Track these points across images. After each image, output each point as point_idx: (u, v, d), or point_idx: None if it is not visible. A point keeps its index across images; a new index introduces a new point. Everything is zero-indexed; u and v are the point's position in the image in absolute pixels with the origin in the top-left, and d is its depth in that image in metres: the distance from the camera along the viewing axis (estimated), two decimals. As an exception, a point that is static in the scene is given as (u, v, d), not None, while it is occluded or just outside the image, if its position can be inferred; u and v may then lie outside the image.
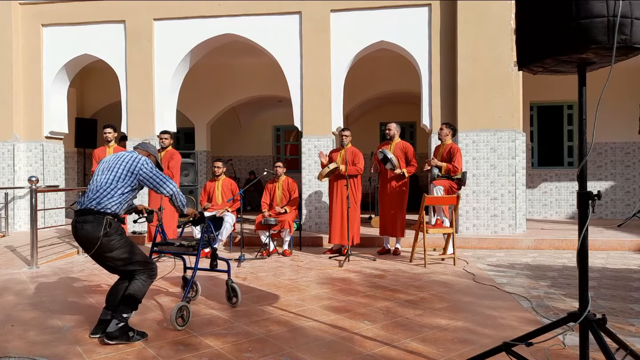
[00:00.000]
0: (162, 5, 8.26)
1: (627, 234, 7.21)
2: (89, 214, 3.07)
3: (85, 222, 3.06)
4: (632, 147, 9.93)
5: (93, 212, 3.07)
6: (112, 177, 3.15)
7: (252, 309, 3.88)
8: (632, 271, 5.24)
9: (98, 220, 3.05)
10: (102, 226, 3.04)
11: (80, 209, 3.12)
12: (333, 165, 6.25)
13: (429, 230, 5.73)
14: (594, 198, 2.14)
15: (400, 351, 2.91)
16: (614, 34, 1.93)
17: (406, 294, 4.31)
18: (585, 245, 2.19)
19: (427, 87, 7.75)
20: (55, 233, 7.99)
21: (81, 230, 3.07)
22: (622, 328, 3.28)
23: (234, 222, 6.69)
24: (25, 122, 8.63)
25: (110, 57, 8.48)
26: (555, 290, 4.42)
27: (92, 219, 3.06)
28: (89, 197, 3.13)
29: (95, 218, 3.06)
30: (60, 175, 9.08)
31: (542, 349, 2.80)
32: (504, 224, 7.38)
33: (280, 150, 14.68)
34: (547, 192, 10.14)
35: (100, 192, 3.12)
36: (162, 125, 8.28)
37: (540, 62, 2.18)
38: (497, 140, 7.39)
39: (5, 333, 3.36)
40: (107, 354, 2.93)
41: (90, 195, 3.14)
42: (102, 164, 3.28)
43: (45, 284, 4.89)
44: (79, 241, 3.15)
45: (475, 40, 7.38)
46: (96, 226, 3.05)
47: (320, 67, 7.91)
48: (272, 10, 8.01)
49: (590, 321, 2.15)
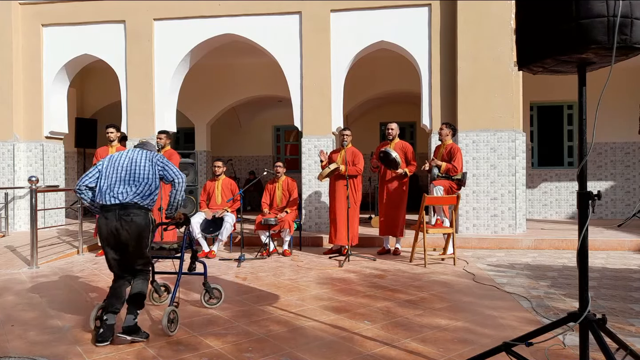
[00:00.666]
0: (162, 5, 8.26)
1: (627, 234, 7.21)
2: (135, 208, 3.16)
3: (135, 214, 3.15)
4: (632, 147, 9.93)
5: (139, 206, 3.18)
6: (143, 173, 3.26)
7: (252, 309, 3.88)
8: (632, 271, 5.24)
9: (145, 215, 3.20)
10: (149, 221, 3.21)
11: (120, 203, 3.15)
12: (333, 165, 6.25)
13: (429, 230, 5.73)
14: (594, 198, 2.14)
15: (400, 351, 2.91)
16: (614, 34, 1.93)
17: (406, 294, 4.31)
18: (585, 245, 2.19)
19: (427, 87, 7.75)
20: (55, 233, 8.00)
21: (130, 224, 3.12)
22: (622, 328, 3.28)
23: (234, 222, 6.69)
24: (25, 122, 8.63)
25: (110, 57, 8.48)
26: (555, 290, 4.41)
27: (140, 212, 3.18)
28: (125, 192, 3.17)
29: (143, 212, 3.19)
30: (60, 175, 9.08)
31: (542, 349, 2.80)
32: (504, 224, 7.38)
33: (280, 150, 14.68)
34: (547, 192, 10.14)
35: (140, 188, 3.20)
36: (162, 125, 8.28)
37: (540, 62, 2.18)
38: (497, 140, 7.39)
39: (5, 333, 3.36)
40: (107, 354, 2.93)
41: (129, 190, 3.18)
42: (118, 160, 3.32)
43: (45, 284, 4.89)
44: (119, 234, 3.14)
45: (475, 40, 7.38)
46: (144, 220, 3.18)
47: (320, 67, 7.91)
48: (272, 10, 8.01)
49: (590, 321, 2.15)
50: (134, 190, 3.20)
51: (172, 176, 3.35)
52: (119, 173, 3.27)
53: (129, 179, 3.23)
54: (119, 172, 3.27)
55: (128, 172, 3.26)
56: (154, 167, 3.32)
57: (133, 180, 3.23)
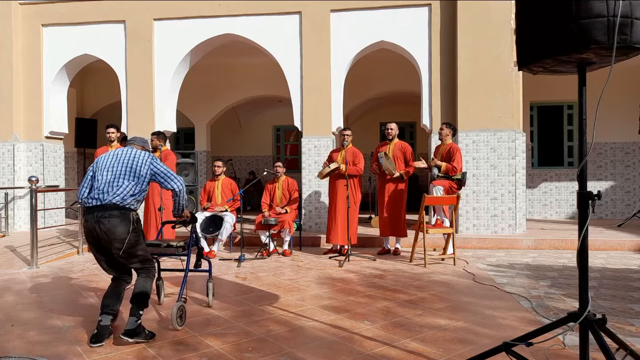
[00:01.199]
0: (162, 5, 8.26)
1: (627, 234, 7.20)
2: (114, 209, 3.06)
3: (112, 216, 3.04)
4: (632, 147, 9.93)
5: (118, 207, 3.07)
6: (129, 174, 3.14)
7: (252, 309, 3.88)
8: (632, 271, 5.24)
9: (125, 216, 3.07)
10: (130, 222, 3.08)
11: (100, 205, 3.06)
12: (334, 165, 6.25)
13: (429, 231, 5.72)
14: (594, 198, 2.14)
15: (400, 351, 2.91)
16: (614, 34, 1.93)
17: (406, 294, 4.31)
18: (585, 245, 2.19)
19: (427, 87, 7.75)
20: (55, 233, 7.99)
21: (106, 225, 3.03)
22: (622, 328, 3.28)
23: (234, 222, 6.69)
24: (25, 122, 8.63)
25: (110, 57, 8.48)
26: (555, 290, 4.41)
27: (118, 214, 3.06)
28: (106, 192, 3.08)
29: (121, 213, 3.07)
30: (60, 175, 9.08)
31: (542, 349, 2.80)
32: (504, 224, 7.38)
33: (280, 150, 14.68)
34: (547, 192, 10.14)
35: (121, 188, 3.09)
36: (162, 125, 8.28)
37: (540, 62, 2.18)
38: (497, 140, 7.39)
39: (5, 333, 3.36)
40: (107, 354, 2.93)
41: (110, 190, 3.09)
42: (104, 160, 3.23)
43: (45, 284, 4.89)
44: (99, 237, 3.08)
45: (475, 40, 7.38)
46: (124, 221, 3.06)
47: (320, 67, 7.90)
48: (272, 10, 8.01)
49: (590, 321, 2.15)
50: (114, 190, 3.09)
51: (172, 186, 3.27)
52: (102, 173, 3.18)
53: (112, 179, 3.13)
54: (102, 173, 3.18)
55: (111, 171, 3.16)
56: (140, 168, 3.18)
57: (114, 179, 3.12)
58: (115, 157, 3.23)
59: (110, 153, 3.26)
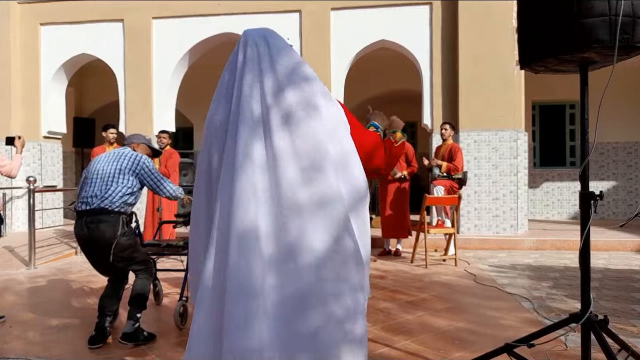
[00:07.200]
0: (160, 4, 8.22)
1: (629, 235, 7.18)
2: (102, 214, 2.99)
3: (100, 221, 2.97)
4: (634, 147, 9.89)
5: (107, 211, 2.99)
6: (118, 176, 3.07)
7: (252, 309, 3.85)
8: (635, 272, 5.22)
9: (114, 219, 3.00)
10: (119, 226, 3.00)
11: (89, 210, 3.01)
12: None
13: (430, 231, 5.70)
14: (596, 198, 2.12)
15: (401, 352, 2.88)
16: (616, 33, 1.91)
17: (407, 295, 4.28)
18: (587, 245, 2.17)
19: (428, 86, 7.72)
20: (53, 233, 7.97)
21: (94, 230, 2.97)
22: (624, 329, 3.25)
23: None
24: (23, 122, 8.60)
25: (109, 56, 8.44)
26: (557, 291, 4.39)
27: (107, 218, 2.99)
28: (95, 196, 3.01)
29: (110, 217, 3.00)
30: (58, 175, 9.05)
31: (544, 350, 2.76)
32: (505, 225, 7.34)
33: (280, 150, 14.63)
34: (549, 192, 10.10)
35: (109, 191, 3.02)
36: (160, 124, 8.24)
37: (542, 61, 2.17)
38: (499, 140, 7.35)
39: (4, 334, 3.34)
40: (107, 354, 2.91)
41: (98, 193, 3.02)
42: (96, 163, 3.17)
43: (44, 285, 4.87)
44: (88, 242, 3.03)
45: (477, 39, 7.34)
46: (113, 225, 2.99)
47: (320, 67, 7.87)
48: (271, 9, 7.97)
49: (592, 322, 2.13)
50: (102, 194, 3.00)
51: (164, 193, 3.24)
52: (91, 176, 3.10)
53: (101, 183, 3.04)
54: (92, 176, 3.10)
55: (100, 174, 3.07)
56: (129, 171, 3.10)
57: (103, 183, 3.04)
58: (105, 160, 3.15)
59: (102, 156, 3.19)
